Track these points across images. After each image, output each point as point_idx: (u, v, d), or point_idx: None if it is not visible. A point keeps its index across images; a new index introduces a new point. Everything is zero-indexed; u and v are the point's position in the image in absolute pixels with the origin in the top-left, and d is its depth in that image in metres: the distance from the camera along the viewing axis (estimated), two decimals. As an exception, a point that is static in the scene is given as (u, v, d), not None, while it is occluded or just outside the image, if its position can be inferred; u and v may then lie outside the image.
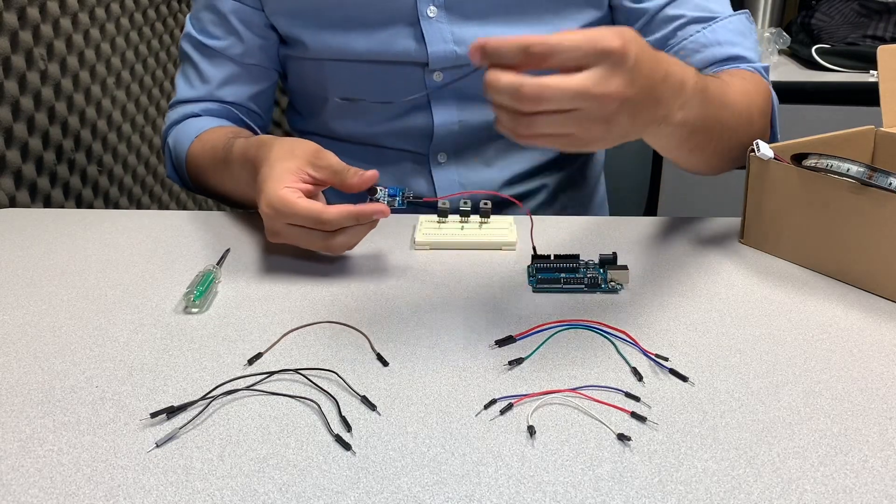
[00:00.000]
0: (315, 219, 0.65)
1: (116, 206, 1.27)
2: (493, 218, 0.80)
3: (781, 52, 1.76)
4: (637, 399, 0.52)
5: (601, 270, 0.68)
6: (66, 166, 1.12)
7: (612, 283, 0.66)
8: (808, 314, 0.63)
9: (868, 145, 0.81)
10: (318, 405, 0.51)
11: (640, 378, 0.54)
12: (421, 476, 0.45)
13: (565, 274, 0.67)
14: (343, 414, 0.50)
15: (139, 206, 1.35)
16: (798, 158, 0.68)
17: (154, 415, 0.50)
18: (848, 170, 0.64)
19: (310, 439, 0.48)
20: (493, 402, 0.51)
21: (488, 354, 0.57)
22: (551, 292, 0.67)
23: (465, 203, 0.79)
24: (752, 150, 0.72)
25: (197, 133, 0.89)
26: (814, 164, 0.66)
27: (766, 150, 0.70)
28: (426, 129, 0.91)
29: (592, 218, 0.85)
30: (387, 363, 0.56)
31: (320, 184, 0.69)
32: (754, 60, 0.84)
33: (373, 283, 0.68)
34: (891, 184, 0.62)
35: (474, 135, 0.92)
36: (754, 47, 0.85)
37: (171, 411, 0.50)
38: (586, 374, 0.55)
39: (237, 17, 0.89)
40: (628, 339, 0.59)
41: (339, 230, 0.66)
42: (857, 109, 1.48)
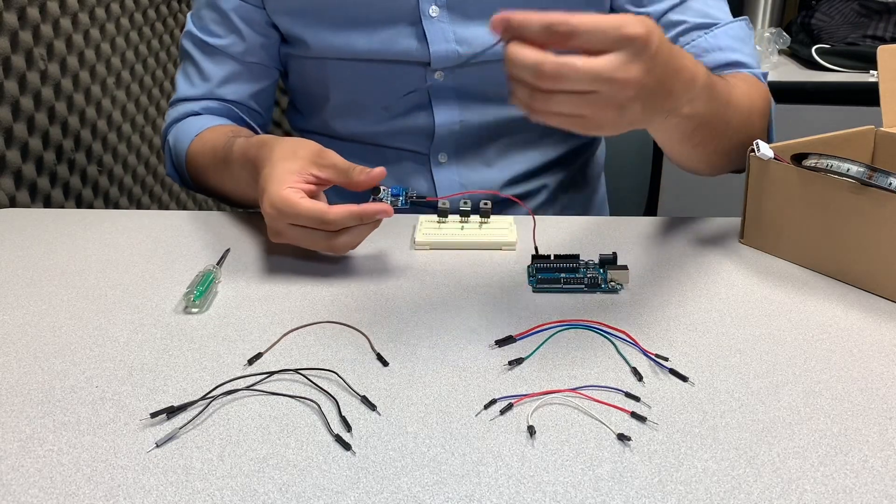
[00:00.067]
0: (318, 219, 0.65)
1: (116, 206, 1.27)
2: (493, 218, 0.80)
3: (781, 52, 1.76)
4: (637, 399, 0.52)
5: (601, 270, 0.68)
6: (66, 166, 1.12)
7: (612, 283, 0.66)
8: (808, 314, 0.63)
9: (868, 145, 0.81)
10: (318, 405, 0.51)
11: (640, 378, 0.54)
12: (421, 476, 0.45)
13: (565, 274, 0.67)
14: (343, 414, 0.50)
15: (139, 206, 1.35)
16: (798, 158, 0.68)
17: (154, 415, 0.50)
18: (848, 170, 0.64)
19: (310, 439, 0.48)
20: (493, 402, 0.51)
21: (488, 354, 0.57)
22: (551, 292, 0.67)
23: (465, 203, 0.79)
24: (752, 150, 0.72)
25: (197, 132, 0.89)
26: (814, 164, 0.66)
27: (766, 150, 0.70)
28: (427, 128, 0.91)
29: (592, 218, 0.85)
30: (387, 363, 0.56)
31: (324, 183, 0.69)
32: (753, 66, 0.85)
33: (373, 283, 0.68)
34: (891, 184, 0.62)
35: (475, 135, 0.92)
36: (753, 53, 0.86)
37: (171, 411, 0.50)
38: (586, 374, 0.55)
39: (238, 15, 0.89)
40: (628, 339, 0.59)
41: (343, 230, 0.66)
42: (857, 109, 1.48)
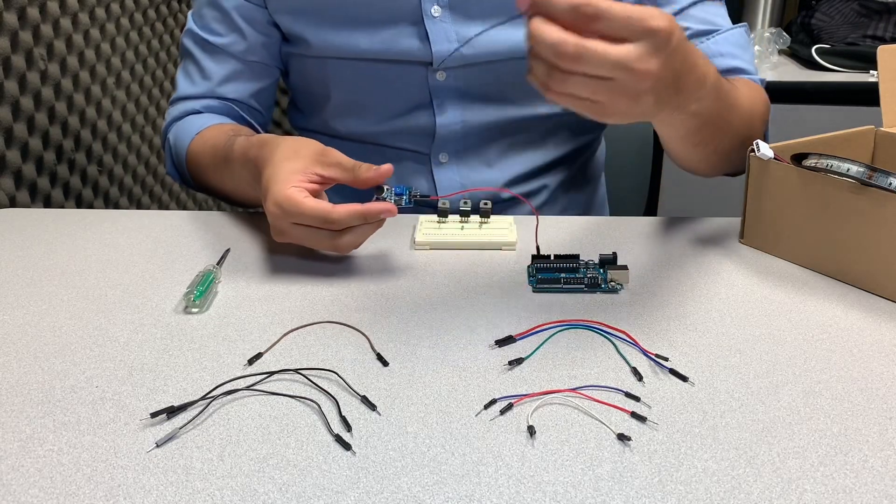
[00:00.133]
0: (323, 218, 0.65)
1: (116, 206, 1.27)
2: (493, 218, 0.80)
3: (781, 52, 1.76)
4: (637, 399, 0.52)
5: (601, 270, 0.68)
6: (66, 166, 1.12)
7: (612, 283, 0.66)
8: (808, 314, 0.63)
9: (868, 145, 0.81)
10: (318, 405, 0.51)
11: (640, 378, 0.54)
12: (421, 476, 0.45)
13: (565, 274, 0.67)
14: (343, 414, 0.50)
15: (139, 206, 1.35)
16: (798, 158, 0.68)
17: (154, 415, 0.50)
18: (848, 170, 0.64)
19: (310, 439, 0.48)
20: (493, 402, 0.51)
21: (488, 354, 0.57)
22: (551, 292, 0.67)
23: (465, 203, 0.80)
24: (751, 150, 0.72)
25: (198, 130, 0.89)
26: (814, 164, 0.66)
27: (766, 150, 0.70)
28: (429, 128, 0.91)
29: (592, 218, 0.85)
30: (387, 363, 0.56)
31: (328, 182, 0.69)
32: (753, 73, 0.86)
33: (373, 283, 0.68)
34: (891, 184, 0.62)
35: (476, 135, 0.91)
36: (752, 60, 0.88)
37: (171, 411, 0.50)
38: (586, 374, 0.55)
39: (240, 13, 0.89)
40: (628, 339, 0.59)
41: (346, 229, 0.66)
42: (857, 109, 1.48)
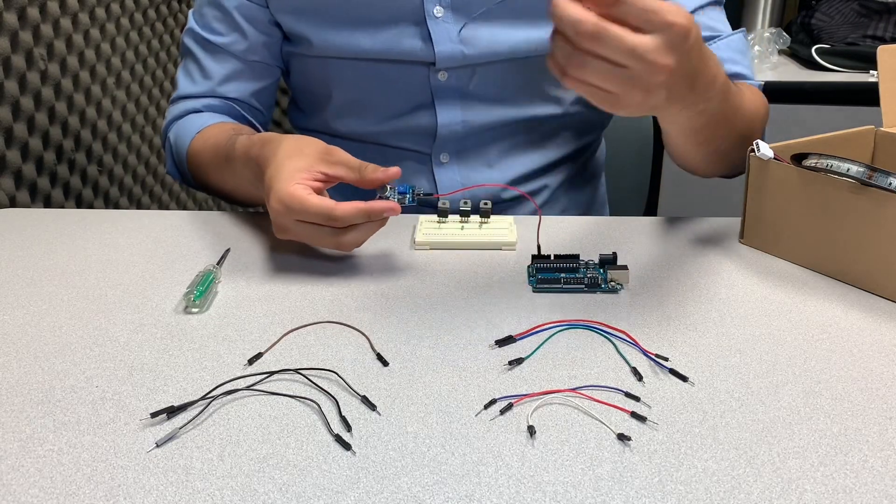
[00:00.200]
0: (326, 215, 0.65)
1: (116, 206, 1.27)
2: (493, 218, 0.80)
3: (781, 52, 1.76)
4: (637, 399, 0.52)
5: (601, 270, 0.68)
6: (66, 166, 1.12)
7: (612, 283, 0.66)
8: (808, 314, 0.63)
9: (868, 145, 0.81)
10: (318, 405, 0.51)
11: (640, 378, 0.54)
12: (421, 476, 0.45)
13: (565, 274, 0.67)
14: (343, 414, 0.50)
15: (139, 206, 1.35)
16: (798, 158, 0.68)
17: (154, 415, 0.50)
18: (848, 170, 0.64)
19: (310, 439, 0.48)
20: (493, 402, 0.51)
21: (488, 354, 0.57)
22: (551, 292, 0.67)
23: (465, 203, 0.80)
24: (752, 150, 0.72)
25: (198, 129, 0.89)
26: (814, 164, 0.66)
27: (766, 150, 0.70)
28: (430, 128, 0.91)
29: (592, 218, 0.85)
30: (387, 363, 0.56)
31: (332, 180, 0.69)
32: (751, 78, 0.87)
33: (373, 283, 0.68)
34: (891, 184, 0.62)
35: (478, 135, 0.91)
36: (750, 65, 0.89)
37: (171, 411, 0.50)
38: (586, 374, 0.55)
39: (241, 13, 0.89)
40: (628, 339, 0.59)
41: (349, 227, 0.66)
42: (857, 109, 1.48)
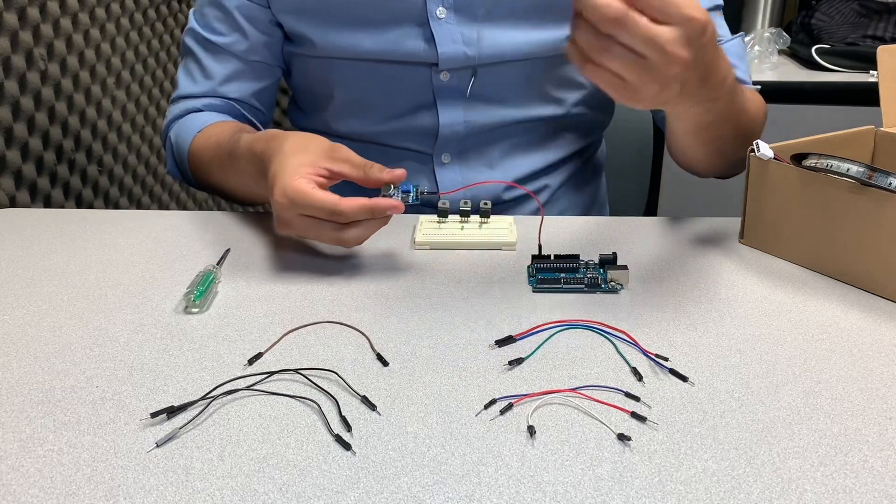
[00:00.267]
0: (330, 210, 0.65)
1: (116, 206, 1.27)
2: (493, 218, 0.80)
3: (781, 52, 1.76)
4: (637, 399, 0.52)
5: (601, 270, 0.68)
6: (66, 166, 1.12)
7: (612, 283, 0.66)
8: (808, 314, 0.63)
9: (868, 145, 0.81)
10: (318, 405, 0.51)
11: (640, 378, 0.54)
12: (421, 476, 0.45)
13: (565, 274, 0.67)
14: (343, 414, 0.50)
15: (139, 206, 1.35)
16: (798, 158, 0.68)
17: (154, 415, 0.50)
18: (848, 170, 0.64)
19: (310, 439, 0.48)
20: (493, 402, 0.51)
21: (488, 354, 0.57)
22: (551, 292, 0.67)
23: (465, 203, 0.80)
24: (751, 150, 0.72)
25: (200, 128, 0.89)
26: (814, 164, 0.66)
27: (766, 150, 0.70)
28: (431, 128, 0.91)
29: (592, 218, 0.85)
30: (387, 363, 0.56)
31: (336, 177, 0.69)
32: (749, 82, 0.88)
33: (373, 283, 0.68)
34: (891, 184, 0.62)
35: (479, 136, 0.91)
36: (748, 70, 0.91)
37: (171, 411, 0.50)
38: (586, 374, 0.55)
39: (242, 13, 0.89)
40: (628, 339, 0.59)
41: (352, 223, 0.67)
42: (857, 109, 1.48)
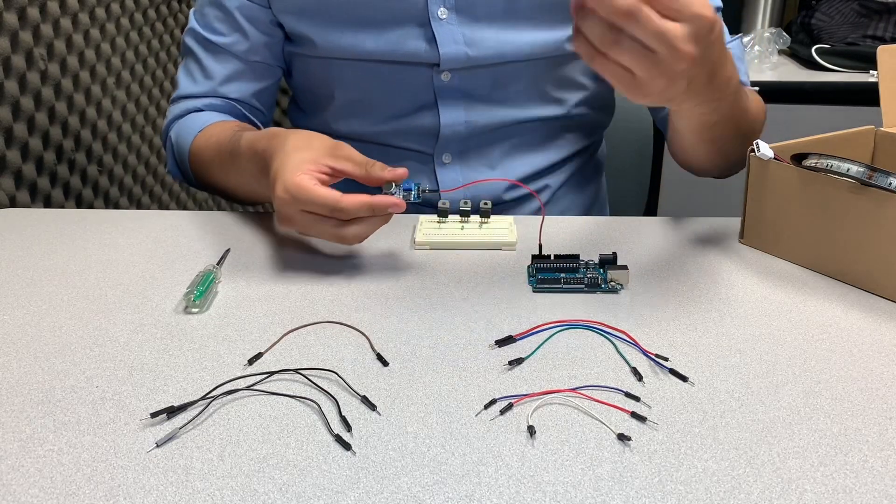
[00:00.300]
0: (332, 206, 0.65)
1: (116, 206, 1.27)
2: (493, 218, 0.80)
3: (781, 52, 1.76)
4: (637, 399, 0.52)
5: (601, 270, 0.68)
6: (66, 166, 1.12)
7: (612, 283, 0.66)
8: (808, 314, 0.63)
9: (868, 145, 0.81)
10: (318, 405, 0.51)
11: (640, 378, 0.54)
12: (421, 476, 0.45)
13: (565, 274, 0.67)
14: (343, 414, 0.50)
15: (139, 206, 1.35)
16: (798, 158, 0.68)
17: (154, 415, 0.50)
18: (848, 170, 0.64)
19: (310, 439, 0.48)
20: (493, 402, 0.51)
21: (488, 354, 0.57)
22: (551, 292, 0.67)
23: (465, 203, 0.80)
24: (752, 150, 0.72)
25: (200, 127, 0.89)
26: (814, 164, 0.66)
27: (766, 150, 0.70)
28: (432, 128, 0.91)
29: (592, 218, 0.85)
30: (387, 363, 0.56)
31: (338, 175, 0.69)
32: (747, 85, 0.89)
33: (373, 283, 0.68)
34: (891, 184, 0.62)
35: (480, 136, 0.91)
36: (747, 72, 0.92)
37: (171, 411, 0.50)
38: (586, 374, 0.55)
39: (243, 13, 0.89)
40: (628, 339, 0.59)
41: (353, 220, 0.67)
42: (857, 109, 1.48)
